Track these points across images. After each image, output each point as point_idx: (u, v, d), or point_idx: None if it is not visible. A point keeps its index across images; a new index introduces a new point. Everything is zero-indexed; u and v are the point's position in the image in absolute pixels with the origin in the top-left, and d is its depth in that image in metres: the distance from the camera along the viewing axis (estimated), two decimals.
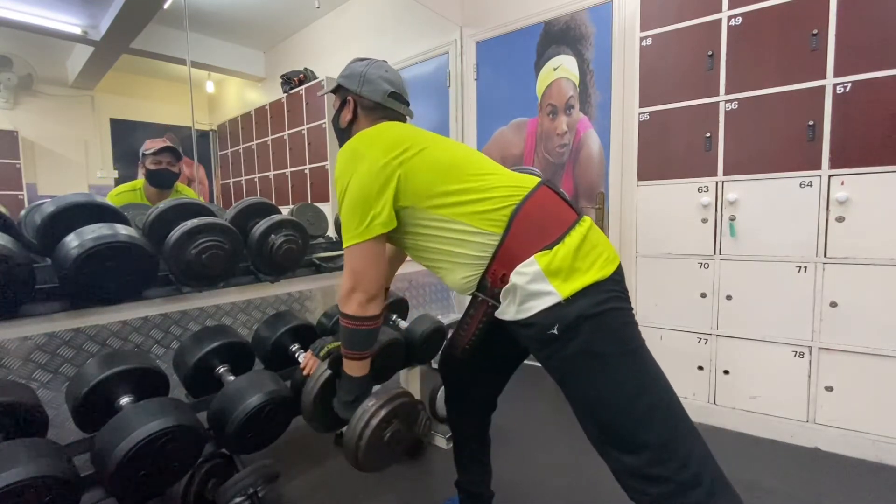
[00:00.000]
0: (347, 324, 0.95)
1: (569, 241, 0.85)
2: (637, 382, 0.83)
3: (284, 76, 3.78)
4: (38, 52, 3.56)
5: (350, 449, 0.99)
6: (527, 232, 0.87)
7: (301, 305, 2.03)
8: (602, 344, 0.83)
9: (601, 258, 0.87)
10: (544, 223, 0.88)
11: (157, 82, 4.35)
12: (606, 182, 2.40)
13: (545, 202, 0.91)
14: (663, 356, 2.02)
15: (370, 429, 0.98)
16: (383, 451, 1.03)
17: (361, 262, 0.92)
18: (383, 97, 1.08)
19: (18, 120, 3.52)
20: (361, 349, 0.99)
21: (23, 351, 1.24)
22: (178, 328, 1.58)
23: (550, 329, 0.82)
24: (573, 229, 0.87)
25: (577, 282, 0.82)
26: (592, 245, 0.87)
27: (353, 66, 1.12)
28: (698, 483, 0.78)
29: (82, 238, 1.00)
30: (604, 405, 0.84)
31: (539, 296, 0.83)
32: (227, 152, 4.80)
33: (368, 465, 1.03)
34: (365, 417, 0.99)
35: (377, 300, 0.95)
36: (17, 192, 3.43)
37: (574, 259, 0.83)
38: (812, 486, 1.48)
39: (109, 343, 1.41)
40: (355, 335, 0.96)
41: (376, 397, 1.01)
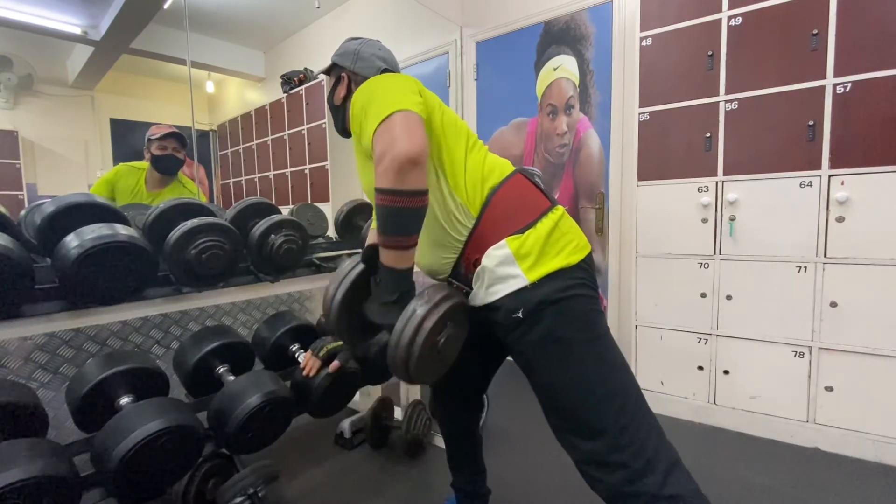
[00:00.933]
0: (384, 201, 0.74)
1: (540, 227, 0.85)
2: (597, 369, 0.84)
3: (284, 76, 3.77)
4: (38, 52, 3.55)
5: (399, 359, 0.81)
6: (500, 216, 0.87)
7: (301, 305, 2.03)
8: (565, 329, 0.83)
9: (570, 245, 0.87)
10: (517, 208, 0.88)
11: (157, 82, 4.35)
12: (606, 182, 2.40)
13: (519, 188, 0.92)
14: (663, 356, 2.03)
15: (423, 333, 0.80)
16: (436, 360, 0.87)
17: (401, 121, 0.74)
18: (376, 73, 1.08)
19: (18, 120, 3.52)
20: (404, 233, 0.78)
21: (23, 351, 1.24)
22: (178, 328, 1.58)
23: (515, 313, 0.83)
24: (545, 216, 0.87)
25: (544, 267, 0.83)
26: (562, 232, 0.88)
27: (346, 45, 1.12)
28: (652, 470, 0.78)
29: (82, 238, 1.00)
30: (564, 391, 0.84)
31: (506, 279, 0.84)
32: (227, 152, 4.80)
33: (421, 376, 0.86)
34: (416, 320, 0.80)
35: (420, 168, 0.73)
36: (17, 192, 3.43)
37: (544, 244, 0.84)
38: (812, 486, 1.48)
39: (109, 343, 1.41)
40: (395, 214, 0.75)
41: (425, 296, 0.83)
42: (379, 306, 0.85)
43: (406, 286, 0.84)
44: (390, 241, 0.78)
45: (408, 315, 0.81)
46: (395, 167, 0.72)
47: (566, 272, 0.84)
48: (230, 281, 1.39)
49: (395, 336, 0.81)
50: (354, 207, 1.84)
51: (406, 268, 0.82)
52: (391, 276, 0.82)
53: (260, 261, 1.42)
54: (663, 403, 2.02)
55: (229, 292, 1.42)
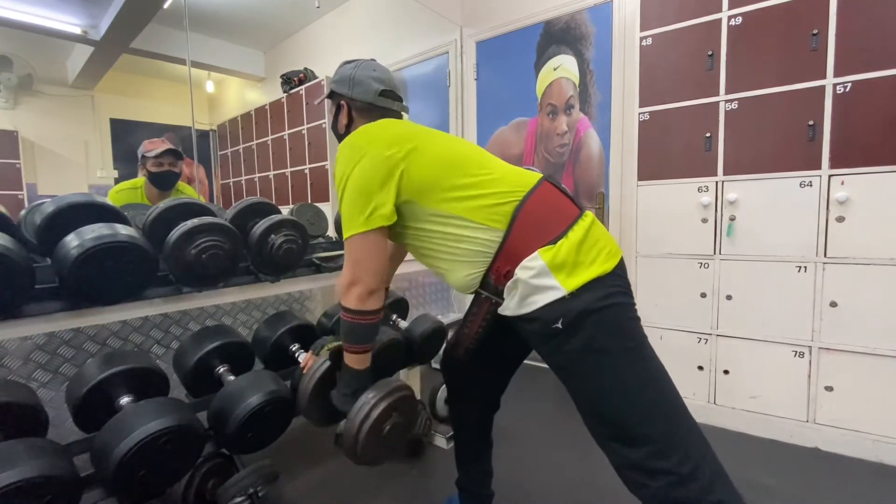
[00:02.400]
0: (347, 317, 0.93)
1: (572, 236, 0.85)
2: (639, 377, 0.84)
3: (284, 76, 3.78)
4: (38, 52, 3.56)
5: (349, 442, 0.97)
6: (530, 228, 0.87)
7: (301, 305, 2.03)
8: (605, 339, 0.83)
9: (604, 252, 0.87)
10: (547, 218, 0.88)
11: (157, 82, 4.35)
12: (606, 182, 2.40)
13: (547, 198, 0.92)
14: (663, 356, 2.00)
15: (370, 421, 0.96)
16: (382, 444, 1.02)
17: (362, 253, 0.90)
18: (374, 97, 1.09)
19: (18, 120, 3.52)
20: (362, 343, 0.97)
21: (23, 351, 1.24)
22: (178, 328, 1.58)
23: (555, 323, 0.82)
24: (576, 224, 0.87)
25: (581, 276, 0.83)
26: (595, 239, 0.87)
27: (342, 71, 1.13)
28: (697, 477, 0.79)
29: (82, 238, 1.00)
30: (606, 400, 0.84)
31: (543, 290, 0.83)
32: (227, 152, 4.80)
33: (367, 458, 1.01)
34: (365, 409, 0.97)
35: (377, 294, 0.93)
36: (17, 192, 3.43)
37: (577, 253, 0.84)
38: (812, 486, 1.48)
39: (109, 343, 1.41)
40: (355, 329, 0.94)
41: (376, 390, 1.00)
42: (339, 396, 1.04)
43: (360, 383, 1.01)
44: (352, 348, 0.98)
45: (358, 405, 0.98)
46: (357, 294, 0.91)
47: (603, 280, 0.84)
48: (230, 281, 1.39)
49: (347, 423, 0.98)
50: None
51: (363, 368, 1.00)
52: (350, 374, 1.00)
53: (260, 261, 1.42)
54: None
55: (229, 292, 1.42)
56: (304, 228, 1.51)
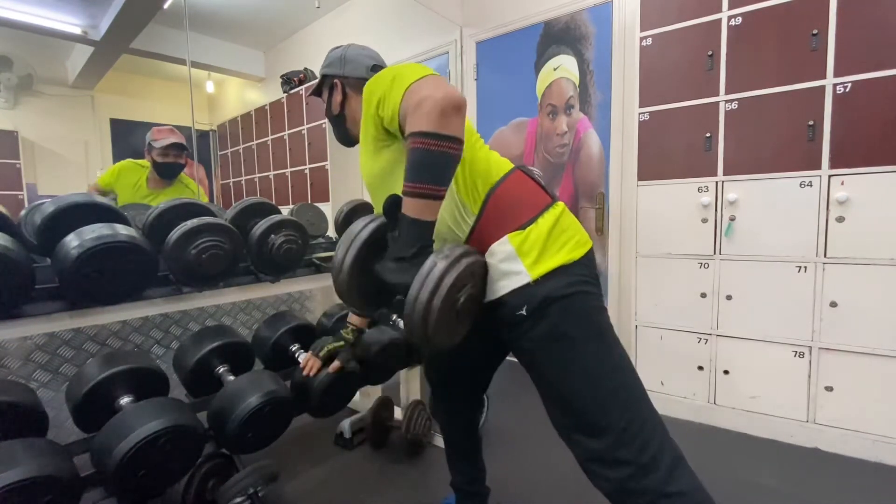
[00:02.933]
0: (423, 143, 0.70)
1: (541, 223, 0.85)
2: (602, 366, 0.84)
3: (284, 76, 3.78)
4: (38, 52, 3.55)
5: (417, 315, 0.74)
6: (500, 212, 0.86)
7: (301, 305, 2.03)
8: (569, 326, 0.83)
9: (571, 241, 0.87)
10: (518, 204, 0.88)
11: (157, 82, 4.35)
12: (606, 182, 2.40)
13: (518, 184, 0.91)
14: (663, 356, 2.03)
15: (444, 289, 0.73)
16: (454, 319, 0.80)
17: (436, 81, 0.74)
18: (367, 72, 1.08)
19: (18, 120, 3.52)
20: (436, 182, 0.73)
21: (23, 351, 1.24)
22: (178, 328, 1.58)
23: (519, 310, 0.82)
24: (546, 211, 0.87)
25: (547, 263, 0.83)
26: (563, 228, 0.87)
27: (331, 54, 1.13)
28: (657, 466, 0.79)
29: (82, 238, 1.00)
30: (569, 388, 0.84)
31: (509, 275, 0.83)
32: (227, 152, 4.80)
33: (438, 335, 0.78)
34: (435, 275, 0.72)
35: (462, 115, 0.72)
36: (17, 192, 3.43)
37: (546, 240, 0.84)
38: (812, 486, 1.48)
39: (109, 343, 1.41)
40: (432, 159, 0.71)
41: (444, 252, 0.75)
42: (394, 263, 0.77)
43: (427, 241, 0.77)
44: (421, 188, 0.72)
45: (426, 270, 0.73)
46: (438, 109, 0.69)
47: (569, 268, 0.84)
48: (230, 281, 1.39)
49: (414, 291, 0.73)
50: (354, 207, 1.84)
51: (430, 220, 0.76)
52: (414, 227, 0.75)
53: (260, 261, 1.42)
54: (663, 403, 2.02)
55: (229, 292, 1.42)
56: (304, 228, 1.51)
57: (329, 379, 1.24)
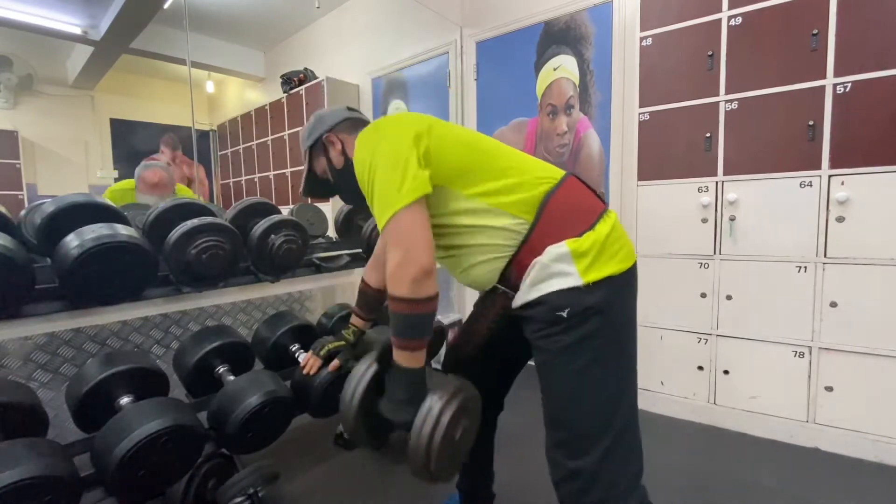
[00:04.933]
0: (401, 308, 0.79)
1: (599, 229, 0.84)
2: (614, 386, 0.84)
3: (284, 76, 3.78)
4: (38, 52, 3.56)
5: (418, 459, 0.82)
6: (558, 219, 0.85)
7: (301, 305, 2.03)
8: (602, 339, 0.82)
9: (623, 250, 0.86)
10: (575, 211, 0.87)
11: (157, 82, 4.35)
12: (606, 182, 2.40)
13: (574, 190, 0.91)
14: (663, 356, 2.03)
15: (441, 428, 0.80)
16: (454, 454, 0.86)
17: (408, 228, 0.78)
18: (345, 112, 1.08)
19: (18, 120, 3.52)
20: (419, 336, 0.82)
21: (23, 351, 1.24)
22: (178, 328, 1.58)
23: (560, 311, 0.81)
24: (603, 218, 0.87)
25: (601, 270, 0.82)
26: (617, 237, 0.87)
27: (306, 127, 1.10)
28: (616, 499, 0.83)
29: (82, 238, 1.00)
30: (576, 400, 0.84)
31: (558, 275, 0.81)
32: (227, 152, 4.80)
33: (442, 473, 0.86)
34: (433, 417, 0.80)
35: (433, 275, 0.80)
36: (17, 192, 3.43)
37: (602, 247, 0.83)
38: (812, 486, 1.48)
39: (109, 343, 1.41)
40: (411, 320, 0.80)
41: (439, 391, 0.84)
42: (393, 404, 0.88)
43: (419, 385, 0.86)
44: (407, 343, 0.82)
45: (424, 412, 0.82)
46: (412, 276, 0.77)
47: (618, 279, 0.83)
48: (230, 281, 1.39)
49: (415, 434, 0.82)
50: (354, 208, 1.84)
51: (418, 367, 0.85)
52: (405, 375, 0.85)
53: (260, 261, 1.42)
54: (663, 403, 2.02)
55: (229, 292, 1.42)
56: (304, 228, 1.51)
57: (329, 379, 1.24)
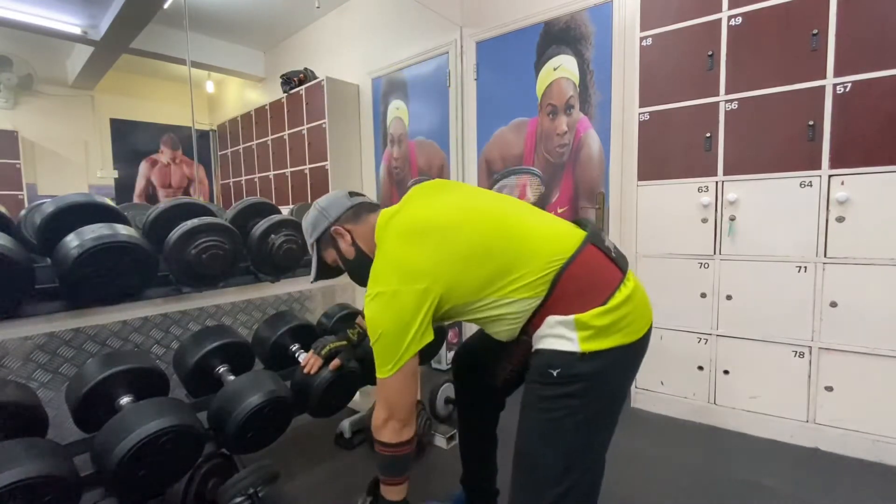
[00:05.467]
0: (384, 451, 0.94)
1: (610, 303, 0.83)
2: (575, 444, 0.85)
3: (284, 76, 3.78)
4: (38, 52, 3.56)
5: None
6: (571, 294, 0.85)
7: (301, 305, 2.03)
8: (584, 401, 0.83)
9: (634, 325, 0.85)
10: (589, 285, 0.86)
11: (157, 82, 4.35)
12: (606, 182, 2.40)
13: (590, 263, 0.89)
14: (663, 356, 2.03)
15: None
16: None
17: (397, 391, 0.90)
18: (347, 199, 1.07)
19: (18, 120, 3.52)
20: (401, 474, 0.97)
21: (23, 351, 1.24)
22: (178, 328, 1.58)
23: (552, 368, 0.83)
24: (617, 291, 0.85)
25: (601, 343, 0.82)
26: (631, 308, 0.85)
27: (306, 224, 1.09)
28: None
29: (82, 238, 1.00)
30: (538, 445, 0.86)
31: (559, 338, 0.84)
32: (227, 152, 4.80)
33: None
34: None
35: (411, 424, 0.94)
36: (17, 192, 3.43)
37: (609, 320, 0.82)
38: (812, 486, 1.48)
39: (109, 343, 1.41)
40: (394, 461, 0.95)
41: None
42: None
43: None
44: (392, 480, 0.97)
45: None
46: (393, 429, 0.91)
47: (618, 351, 0.83)
48: (230, 281, 1.39)
49: None
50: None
51: (400, 499, 0.99)
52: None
53: (260, 261, 1.42)
54: (663, 403, 2.02)
55: (229, 292, 1.42)
56: None
57: (329, 379, 1.24)
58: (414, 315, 0.86)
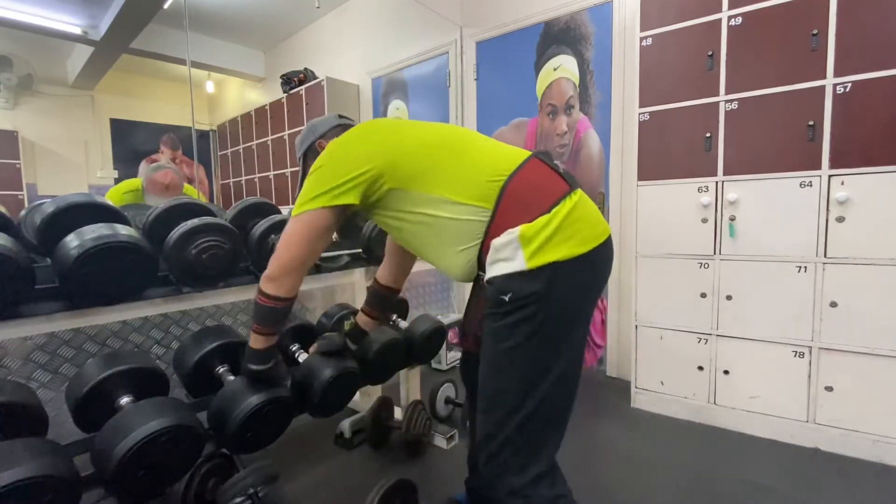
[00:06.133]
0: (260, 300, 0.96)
1: (554, 212, 0.82)
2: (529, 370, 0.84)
3: (284, 76, 3.78)
4: (38, 52, 3.56)
5: None
6: (515, 205, 0.85)
7: (301, 305, 2.03)
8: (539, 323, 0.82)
9: (579, 234, 0.83)
10: (533, 195, 0.86)
11: (157, 82, 4.35)
12: (606, 182, 2.40)
13: (533, 174, 0.89)
14: (663, 356, 2.03)
15: None
16: None
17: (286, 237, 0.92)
18: (336, 119, 1.14)
19: (18, 120, 3.52)
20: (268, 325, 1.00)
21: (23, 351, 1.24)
22: (178, 328, 1.58)
23: (503, 294, 0.82)
24: (563, 201, 0.84)
25: (546, 255, 0.80)
26: (574, 220, 0.83)
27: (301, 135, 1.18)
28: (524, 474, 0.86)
29: (82, 238, 1.00)
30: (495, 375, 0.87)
31: (507, 259, 0.82)
32: (227, 152, 4.80)
33: None
34: None
35: (289, 276, 0.93)
36: (17, 192, 3.43)
37: (555, 231, 0.81)
38: (812, 486, 1.48)
39: (109, 343, 1.41)
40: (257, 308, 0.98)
41: None
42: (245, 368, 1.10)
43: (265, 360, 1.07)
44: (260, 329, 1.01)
45: None
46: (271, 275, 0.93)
47: (568, 263, 0.81)
48: (230, 281, 1.39)
49: None
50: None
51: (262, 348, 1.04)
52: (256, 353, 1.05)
53: (260, 261, 1.42)
54: (663, 403, 2.02)
55: (229, 292, 1.42)
56: None
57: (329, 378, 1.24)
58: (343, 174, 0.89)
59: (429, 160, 0.91)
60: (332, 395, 1.28)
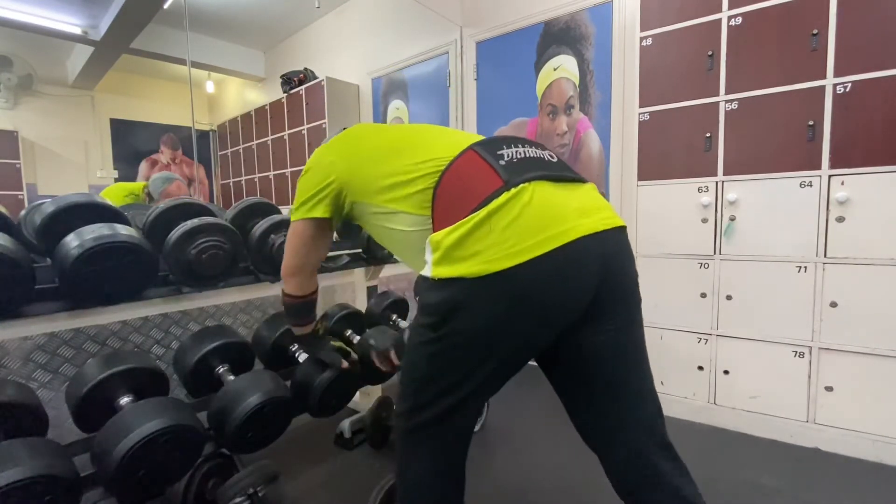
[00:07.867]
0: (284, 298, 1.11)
1: (470, 218, 0.68)
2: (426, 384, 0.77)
3: (284, 76, 3.78)
4: (38, 52, 3.56)
5: None
6: (445, 210, 0.74)
7: None
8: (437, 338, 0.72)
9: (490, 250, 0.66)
10: (458, 197, 0.73)
11: (157, 82, 4.36)
12: (606, 182, 2.40)
13: (463, 172, 0.76)
14: (663, 356, 2.03)
15: None
16: None
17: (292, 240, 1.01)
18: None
19: (18, 120, 3.53)
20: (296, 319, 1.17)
21: (23, 351, 1.24)
22: (178, 328, 1.58)
23: (417, 295, 0.85)
24: (489, 202, 0.68)
25: (448, 269, 0.68)
26: (490, 229, 0.67)
27: None
28: None
29: (82, 238, 1.00)
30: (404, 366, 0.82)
31: (425, 262, 0.75)
32: (227, 152, 4.80)
33: None
34: None
35: (296, 276, 1.05)
36: (17, 192, 3.43)
37: (460, 240, 0.68)
38: (812, 486, 1.48)
39: (109, 343, 1.41)
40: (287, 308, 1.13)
41: None
42: None
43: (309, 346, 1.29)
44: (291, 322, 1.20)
45: None
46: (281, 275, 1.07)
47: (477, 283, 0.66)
48: (230, 281, 1.39)
49: None
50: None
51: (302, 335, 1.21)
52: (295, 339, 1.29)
53: (260, 261, 1.42)
54: (663, 403, 2.00)
55: (229, 292, 1.42)
56: None
57: (329, 378, 1.25)
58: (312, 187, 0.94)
59: (378, 168, 0.86)
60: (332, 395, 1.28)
